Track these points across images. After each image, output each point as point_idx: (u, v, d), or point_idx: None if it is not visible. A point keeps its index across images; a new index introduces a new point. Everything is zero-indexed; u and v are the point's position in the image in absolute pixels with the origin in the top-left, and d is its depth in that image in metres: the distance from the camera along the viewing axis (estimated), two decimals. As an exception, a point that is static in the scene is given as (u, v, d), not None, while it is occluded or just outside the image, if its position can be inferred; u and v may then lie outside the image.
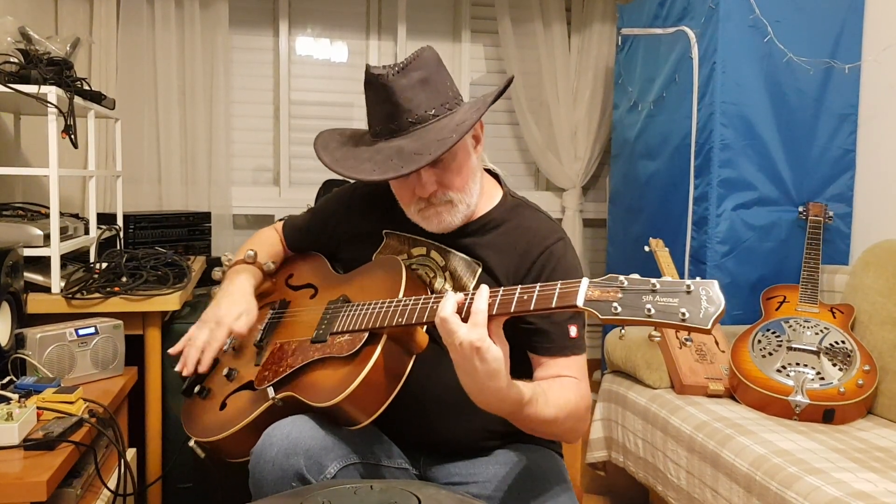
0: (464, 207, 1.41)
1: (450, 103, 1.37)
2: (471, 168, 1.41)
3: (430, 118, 1.34)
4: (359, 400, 1.25)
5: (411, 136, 1.33)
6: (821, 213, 2.73)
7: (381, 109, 1.36)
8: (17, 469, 1.36)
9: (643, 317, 1.00)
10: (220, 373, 1.53)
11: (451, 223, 1.41)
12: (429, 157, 1.28)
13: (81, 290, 2.04)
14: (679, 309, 0.99)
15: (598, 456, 2.62)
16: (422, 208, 1.40)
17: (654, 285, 1.02)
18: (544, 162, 3.98)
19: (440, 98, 1.36)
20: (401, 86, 1.32)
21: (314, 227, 1.66)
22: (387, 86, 1.33)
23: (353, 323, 1.34)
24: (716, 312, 0.98)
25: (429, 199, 1.38)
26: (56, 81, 2.02)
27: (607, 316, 1.03)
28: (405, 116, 1.33)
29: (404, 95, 1.32)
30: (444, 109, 1.35)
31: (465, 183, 1.40)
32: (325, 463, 1.25)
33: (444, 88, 1.37)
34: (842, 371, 2.23)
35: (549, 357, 1.37)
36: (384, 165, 1.31)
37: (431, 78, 1.35)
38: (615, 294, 1.04)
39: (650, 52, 3.22)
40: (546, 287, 1.12)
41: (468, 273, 1.43)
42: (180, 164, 3.58)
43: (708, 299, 0.99)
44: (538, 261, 1.41)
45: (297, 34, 3.88)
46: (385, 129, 1.36)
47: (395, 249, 1.51)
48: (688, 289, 1.00)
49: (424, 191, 1.37)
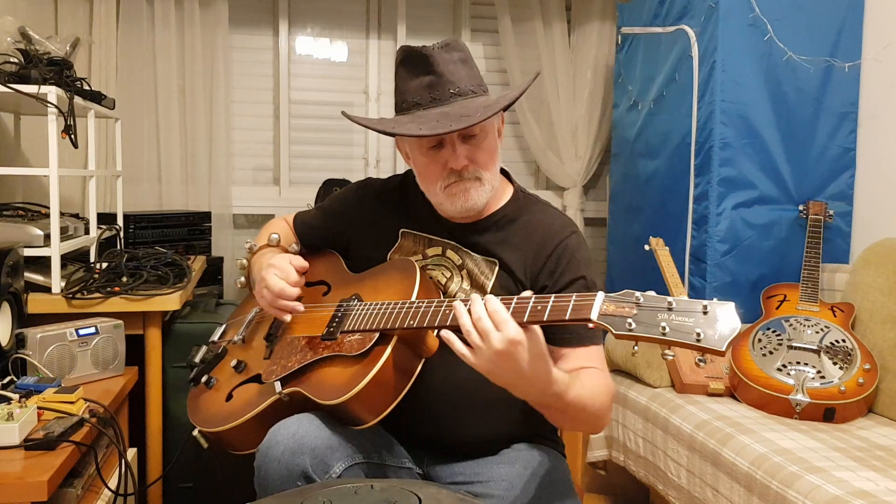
0: (489, 188, 1.42)
1: (484, 87, 1.42)
2: (497, 153, 1.45)
3: (469, 93, 1.38)
4: (365, 400, 1.25)
5: (453, 104, 1.36)
6: (821, 211, 2.73)
7: (420, 81, 1.38)
8: (18, 469, 1.37)
9: (658, 335, 1.00)
10: (229, 364, 1.53)
11: (476, 202, 1.41)
12: (478, 117, 1.30)
13: (82, 290, 2.05)
14: (694, 329, 0.98)
15: (598, 455, 2.62)
16: (451, 183, 1.40)
17: (670, 303, 1.02)
18: (545, 161, 3.98)
19: (477, 80, 1.41)
20: (444, 59, 1.37)
21: (325, 224, 1.66)
22: (430, 56, 1.36)
23: (364, 322, 1.34)
24: (731, 335, 0.97)
25: (460, 174, 1.39)
26: (56, 81, 2.02)
27: (621, 332, 1.02)
28: (448, 87, 1.37)
29: (448, 68, 1.37)
30: (480, 90, 1.40)
31: (492, 163, 1.43)
32: (331, 462, 1.25)
33: (478, 74, 1.44)
34: (842, 370, 2.23)
35: (570, 348, 1.37)
36: (430, 125, 1.33)
37: (469, 61, 1.41)
38: (630, 310, 1.03)
39: (650, 50, 3.22)
40: (560, 299, 1.12)
41: (486, 271, 1.43)
42: (180, 164, 3.57)
43: (724, 321, 0.99)
44: (553, 255, 1.42)
45: (296, 34, 3.87)
46: (425, 98, 1.38)
47: (410, 250, 1.51)
48: (704, 309, 1.00)
49: (458, 162, 1.38)
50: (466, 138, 1.37)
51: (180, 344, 2.23)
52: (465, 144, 1.37)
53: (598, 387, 1.30)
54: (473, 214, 1.45)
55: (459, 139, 1.36)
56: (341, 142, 3.89)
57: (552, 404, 1.22)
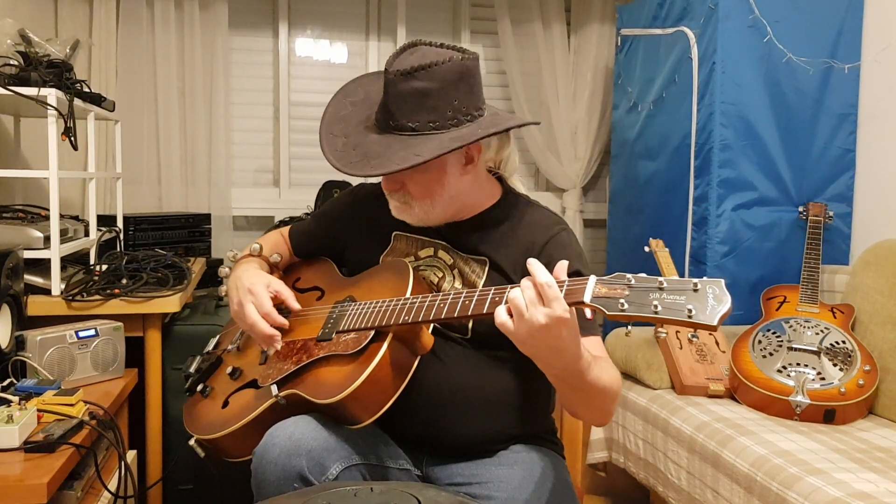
0: (421, 213, 1.43)
1: (441, 122, 1.33)
2: (443, 185, 1.39)
3: (407, 130, 1.34)
4: (362, 398, 1.25)
5: (386, 138, 1.36)
6: (821, 212, 2.73)
7: (382, 97, 1.38)
8: (18, 471, 1.36)
9: (650, 313, 1.01)
10: (224, 371, 1.53)
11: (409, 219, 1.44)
12: (370, 170, 1.32)
13: (81, 292, 2.04)
14: (686, 306, 0.99)
15: (598, 457, 2.62)
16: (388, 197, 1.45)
17: (661, 283, 1.03)
18: (544, 162, 3.98)
19: (433, 115, 1.33)
20: (396, 90, 1.33)
21: (320, 232, 1.66)
22: (387, 84, 1.35)
23: (360, 321, 1.34)
24: (722, 310, 0.98)
25: (390, 193, 1.43)
26: (56, 83, 2.02)
27: (614, 312, 1.03)
28: (389, 119, 1.36)
29: (396, 100, 1.34)
30: (428, 127, 1.33)
31: (429, 195, 1.40)
32: (328, 464, 1.25)
33: (443, 106, 1.33)
34: (842, 371, 2.23)
35: None
36: (348, 156, 1.36)
37: (433, 93, 1.32)
38: (622, 291, 1.04)
39: (650, 52, 3.22)
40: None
41: (477, 270, 1.44)
42: (180, 166, 3.57)
43: (715, 297, 0.99)
44: (544, 250, 1.41)
45: (296, 35, 3.87)
46: (378, 117, 1.39)
47: (403, 251, 1.52)
48: (695, 287, 1.01)
49: (386, 186, 1.43)
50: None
51: (180, 346, 2.23)
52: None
53: (612, 374, 1.30)
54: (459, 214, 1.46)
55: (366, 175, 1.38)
56: (341, 143, 3.89)
57: (573, 382, 1.21)
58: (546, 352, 1.14)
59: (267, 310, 1.43)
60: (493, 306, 1.16)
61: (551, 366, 1.19)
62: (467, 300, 1.21)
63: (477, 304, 1.20)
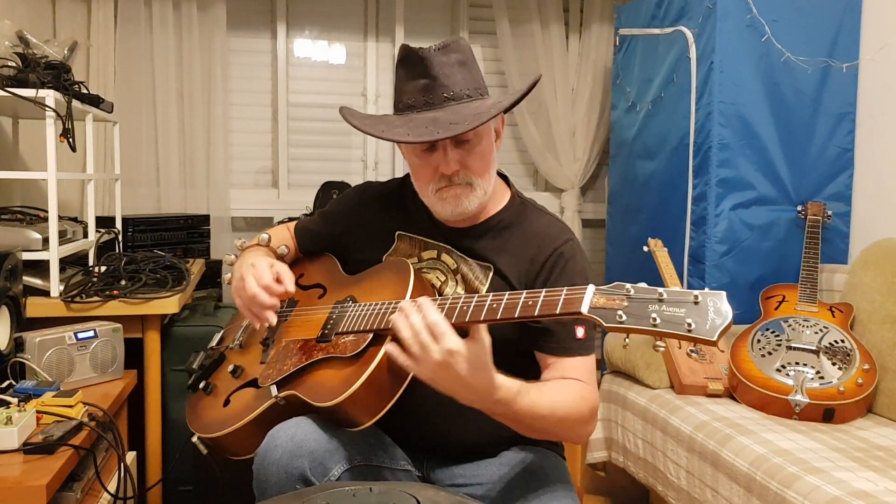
0: (481, 193, 1.41)
1: (482, 90, 1.40)
2: (492, 157, 1.43)
3: (464, 97, 1.36)
4: (361, 401, 1.25)
5: (446, 110, 1.35)
6: (819, 212, 2.73)
7: (415, 84, 1.37)
8: (17, 473, 1.36)
9: (648, 326, 0.99)
10: (226, 369, 1.53)
11: (467, 208, 1.41)
12: (466, 126, 1.29)
13: (80, 294, 2.04)
14: (685, 319, 0.98)
15: (597, 456, 2.62)
16: (441, 188, 1.40)
17: (660, 294, 1.01)
18: (543, 163, 3.98)
19: (474, 83, 1.39)
20: (440, 62, 1.35)
21: (325, 230, 1.66)
22: (427, 59, 1.34)
23: (359, 323, 1.34)
24: (722, 324, 0.97)
25: (450, 178, 1.39)
26: (54, 85, 2.02)
27: (612, 324, 1.02)
28: (441, 91, 1.35)
29: (443, 71, 1.35)
30: (477, 94, 1.38)
31: (486, 169, 1.41)
32: (329, 465, 1.25)
33: (477, 76, 1.41)
34: (841, 370, 2.23)
35: (555, 357, 1.37)
36: (418, 130, 1.32)
37: (468, 62, 1.39)
38: (621, 302, 1.03)
39: (648, 52, 3.23)
40: (551, 293, 1.11)
41: (480, 276, 1.43)
42: (179, 167, 3.57)
43: (715, 311, 0.98)
44: (548, 262, 1.41)
45: (294, 36, 3.88)
46: (419, 101, 1.37)
47: (406, 252, 1.51)
48: (695, 299, 0.99)
49: (448, 167, 1.37)
50: (459, 143, 1.36)
51: (179, 347, 2.22)
52: (457, 149, 1.36)
53: (568, 398, 1.29)
54: (467, 218, 1.45)
55: (452, 144, 1.35)
56: (340, 144, 3.89)
57: (500, 413, 1.23)
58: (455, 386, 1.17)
59: (267, 282, 1.42)
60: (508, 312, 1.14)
61: (471, 402, 1.20)
62: (465, 305, 1.20)
63: (476, 308, 1.18)
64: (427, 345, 1.13)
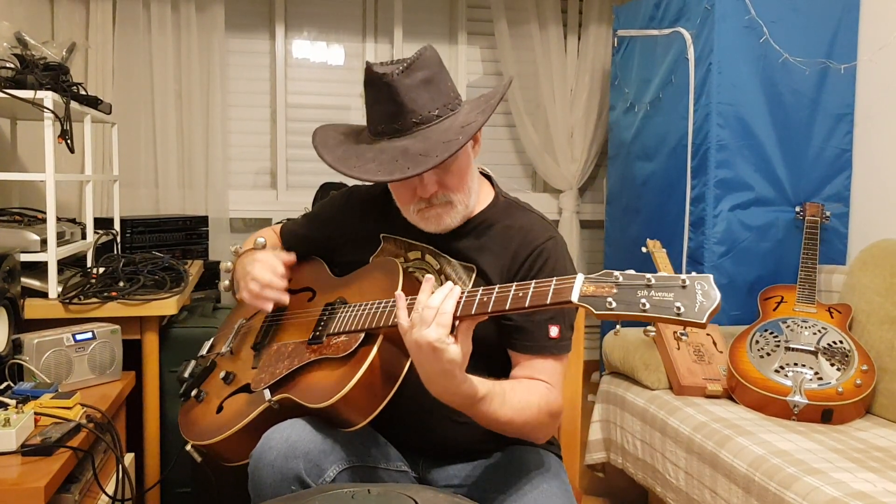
0: (462, 208, 1.41)
1: (451, 104, 1.37)
2: (470, 170, 1.42)
3: (433, 118, 1.34)
4: (354, 401, 1.25)
5: (415, 136, 1.33)
6: (818, 212, 2.73)
7: (383, 109, 1.34)
8: (15, 475, 1.36)
9: (638, 311, 1.00)
10: (217, 376, 1.53)
11: (450, 224, 1.42)
12: (436, 160, 1.27)
13: (79, 295, 2.04)
14: (674, 303, 0.98)
15: (596, 457, 2.62)
16: (421, 209, 1.41)
17: (648, 280, 1.02)
18: (541, 163, 3.98)
19: (443, 98, 1.36)
20: (405, 85, 1.31)
21: (312, 233, 1.66)
22: (391, 85, 1.31)
23: (350, 324, 1.34)
24: (711, 306, 0.97)
25: (429, 200, 1.39)
26: (52, 86, 2.02)
27: (602, 311, 1.02)
28: (409, 117, 1.33)
29: (409, 96, 1.31)
30: (446, 110, 1.35)
31: (464, 184, 1.40)
32: (325, 466, 1.25)
33: (445, 89, 1.37)
34: (840, 371, 2.23)
35: (526, 356, 1.37)
36: (390, 166, 1.30)
37: (434, 78, 1.35)
38: (610, 289, 1.03)
39: (646, 53, 3.23)
40: (541, 284, 1.12)
41: (464, 276, 1.43)
42: (177, 168, 3.57)
43: (703, 293, 0.98)
44: (528, 260, 1.41)
45: (293, 37, 3.87)
46: (388, 128, 1.35)
47: (392, 253, 1.51)
48: (683, 283, 1.00)
49: (426, 191, 1.37)
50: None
51: (177, 349, 2.22)
52: (434, 170, 1.35)
53: (527, 404, 1.30)
54: (456, 227, 1.44)
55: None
56: (338, 145, 3.89)
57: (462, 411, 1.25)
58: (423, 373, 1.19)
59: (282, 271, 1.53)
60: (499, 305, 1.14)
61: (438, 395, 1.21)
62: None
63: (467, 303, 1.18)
64: (421, 321, 1.15)
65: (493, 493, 1.36)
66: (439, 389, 1.20)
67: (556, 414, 1.36)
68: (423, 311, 1.15)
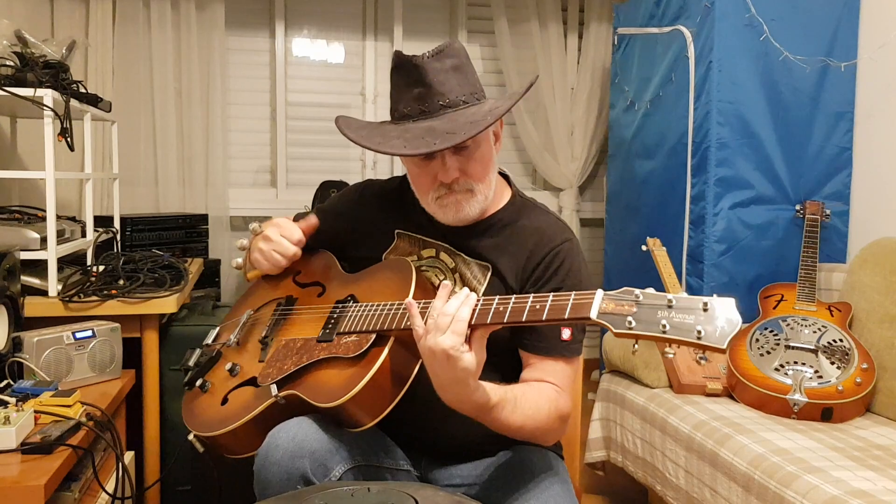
0: (482, 198, 1.41)
1: (478, 94, 1.39)
2: (492, 161, 1.43)
3: (460, 104, 1.36)
4: (363, 402, 1.25)
5: (442, 118, 1.34)
6: (818, 211, 2.73)
7: (410, 92, 1.36)
8: (15, 473, 1.36)
9: (658, 332, 0.98)
10: (223, 367, 1.52)
11: (468, 214, 1.41)
12: (463, 136, 1.28)
13: (79, 293, 2.04)
14: (695, 327, 0.97)
15: (596, 456, 2.62)
16: (441, 195, 1.40)
17: (670, 301, 1.00)
18: (541, 162, 3.98)
19: (470, 87, 1.38)
20: (434, 69, 1.34)
21: (324, 226, 1.65)
22: (421, 67, 1.33)
23: (361, 324, 1.34)
24: (732, 332, 0.96)
25: (450, 186, 1.39)
26: (52, 84, 2.01)
27: (621, 330, 1.01)
28: (437, 99, 1.34)
29: (437, 78, 1.34)
30: (473, 98, 1.38)
31: (486, 174, 1.41)
32: (331, 465, 1.25)
33: (473, 79, 1.40)
34: (840, 369, 2.23)
35: (537, 357, 1.37)
36: (416, 142, 1.31)
37: (463, 67, 1.38)
38: (630, 308, 1.02)
39: (646, 51, 3.23)
40: (559, 297, 1.11)
41: (479, 276, 1.43)
42: (177, 166, 3.57)
43: (725, 319, 0.97)
44: (543, 261, 1.41)
45: (293, 35, 3.87)
46: (415, 110, 1.36)
47: (406, 251, 1.51)
48: (705, 306, 0.98)
49: (448, 176, 1.37)
50: (458, 150, 1.35)
51: (177, 347, 2.22)
52: (456, 156, 1.36)
53: (537, 410, 1.30)
54: (473, 219, 1.44)
55: (450, 151, 1.35)
56: (338, 143, 3.89)
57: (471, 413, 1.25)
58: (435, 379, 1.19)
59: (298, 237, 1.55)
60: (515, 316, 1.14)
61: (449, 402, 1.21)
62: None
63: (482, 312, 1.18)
64: (441, 327, 1.14)
65: (496, 492, 1.36)
66: (451, 397, 1.19)
67: (565, 418, 1.36)
68: (438, 317, 1.15)
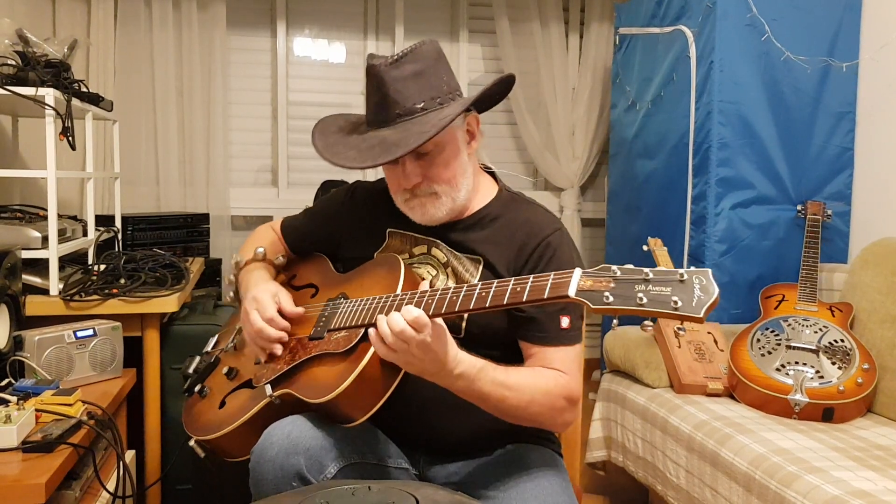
0: (448, 201, 1.42)
1: (442, 97, 1.38)
2: (461, 163, 1.42)
3: (417, 111, 1.36)
4: (354, 396, 1.25)
5: (396, 127, 1.35)
6: (819, 211, 2.73)
7: (373, 99, 1.39)
8: (16, 471, 1.36)
9: (635, 306, 0.99)
10: (221, 371, 1.53)
11: (435, 215, 1.43)
12: (405, 149, 1.30)
13: (80, 292, 2.04)
14: (671, 297, 0.98)
15: (597, 455, 2.62)
16: (407, 199, 1.43)
17: (646, 274, 1.01)
18: (542, 162, 3.98)
19: (432, 92, 1.37)
20: (392, 77, 1.35)
21: (314, 228, 1.66)
22: (378, 76, 1.35)
23: (350, 319, 1.34)
24: (708, 301, 0.97)
25: (413, 191, 1.41)
26: (54, 83, 2.02)
27: (599, 306, 1.02)
28: (393, 108, 1.36)
29: (394, 87, 1.35)
30: (434, 103, 1.37)
31: (452, 176, 1.41)
32: (326, 462, 1.25)
33: (438, 82, 1.39)
34: (841, 369, 2.23)
35: (538, 346, 1.38)
36: (364, 154, 1.34)
37: (426, 71, 1.37)
38: (607, 284, 1.03)
39: (648, 51, 3.23)
40: (539, 278, 1.12)
41: (471, 269, 1.44)
42: (178, 166, 3.58)
43: (701, 288, 0.98)
44: (535, 252, 1.41)
45: (294, 35, 3.88)
46: (374, 119, 1.39)
47: (398, 248, 1.51)
48: (681, 277, 0.99)
49: (408, 182, 1.40)
50: (419, 155, 1.37)
51: (178, 346, 2.22)
52: (417, 161, 1.38)
53: (539, 381, 1.31)
54: (454, 214, 1.45)
55: (411, 157, 1.36)
56: (339, 143, 3.89)
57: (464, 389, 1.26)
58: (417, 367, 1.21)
59: (270, 315, 1.43)
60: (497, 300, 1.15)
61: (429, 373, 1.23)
62: (454, 295, 1.20)
63: (465, 298, 1.18)
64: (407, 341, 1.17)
65: (494, 490, 1.36)
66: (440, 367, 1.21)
67: (573, 399, 1.36)
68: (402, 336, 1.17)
